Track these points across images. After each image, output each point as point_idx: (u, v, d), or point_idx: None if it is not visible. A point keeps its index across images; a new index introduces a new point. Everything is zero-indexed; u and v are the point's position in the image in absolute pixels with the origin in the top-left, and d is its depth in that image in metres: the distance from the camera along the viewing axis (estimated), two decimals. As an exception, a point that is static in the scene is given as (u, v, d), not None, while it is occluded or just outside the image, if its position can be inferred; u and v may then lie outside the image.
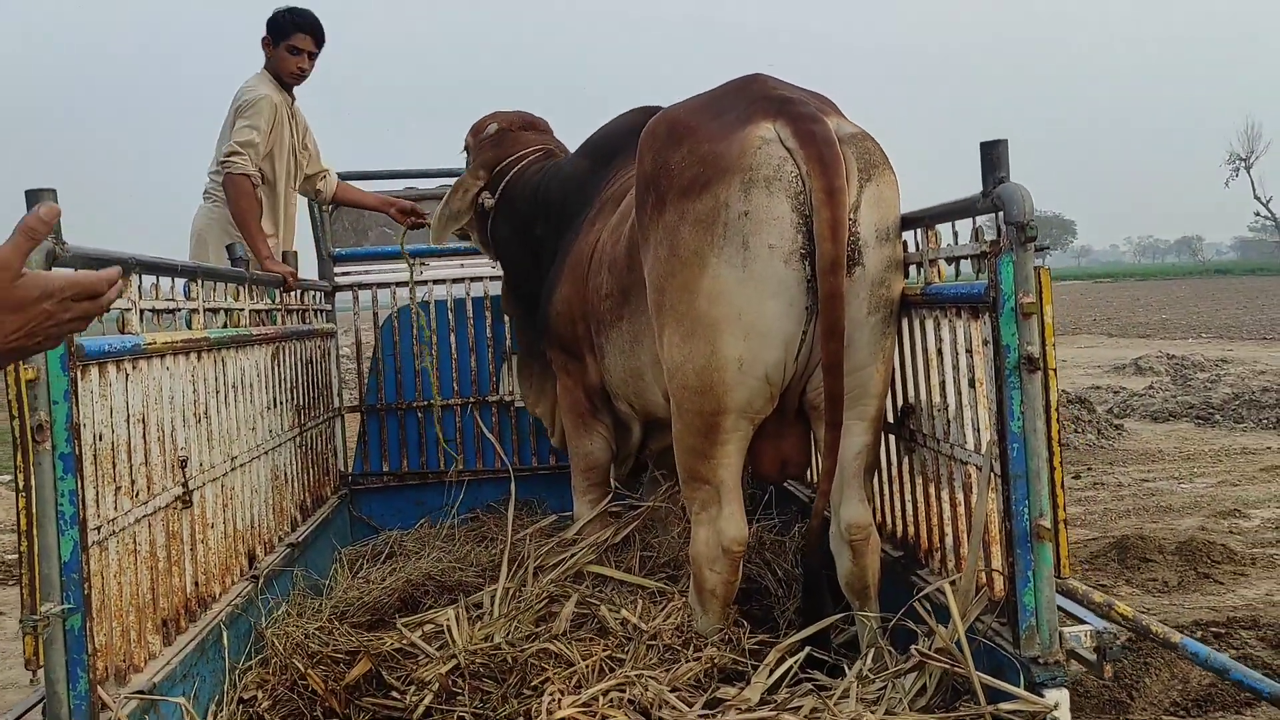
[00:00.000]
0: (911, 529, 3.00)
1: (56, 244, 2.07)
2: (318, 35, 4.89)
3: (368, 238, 5.62)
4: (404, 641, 3.26)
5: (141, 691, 2.32)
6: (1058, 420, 2.07)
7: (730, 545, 2.87)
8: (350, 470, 5.10)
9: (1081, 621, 2.24)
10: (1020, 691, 2.16)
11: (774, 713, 2.40)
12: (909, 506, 3.01)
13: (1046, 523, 2.09)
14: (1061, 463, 2.08)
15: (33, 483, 1.97)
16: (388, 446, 5.14)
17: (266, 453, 3.67)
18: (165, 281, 2.84)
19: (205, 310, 3.09)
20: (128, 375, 2.46)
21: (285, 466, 3.96)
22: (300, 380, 4.24)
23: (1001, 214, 2.18)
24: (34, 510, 1.96)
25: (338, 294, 5.21)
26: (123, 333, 2.51)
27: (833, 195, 2.56)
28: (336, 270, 5.28)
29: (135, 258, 2.54)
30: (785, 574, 3.45)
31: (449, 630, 3.29)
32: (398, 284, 5.22)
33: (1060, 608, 2.31)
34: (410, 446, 5.14)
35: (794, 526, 3.70)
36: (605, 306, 3.52)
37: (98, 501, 2.27)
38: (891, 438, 3.11)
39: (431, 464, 5.11)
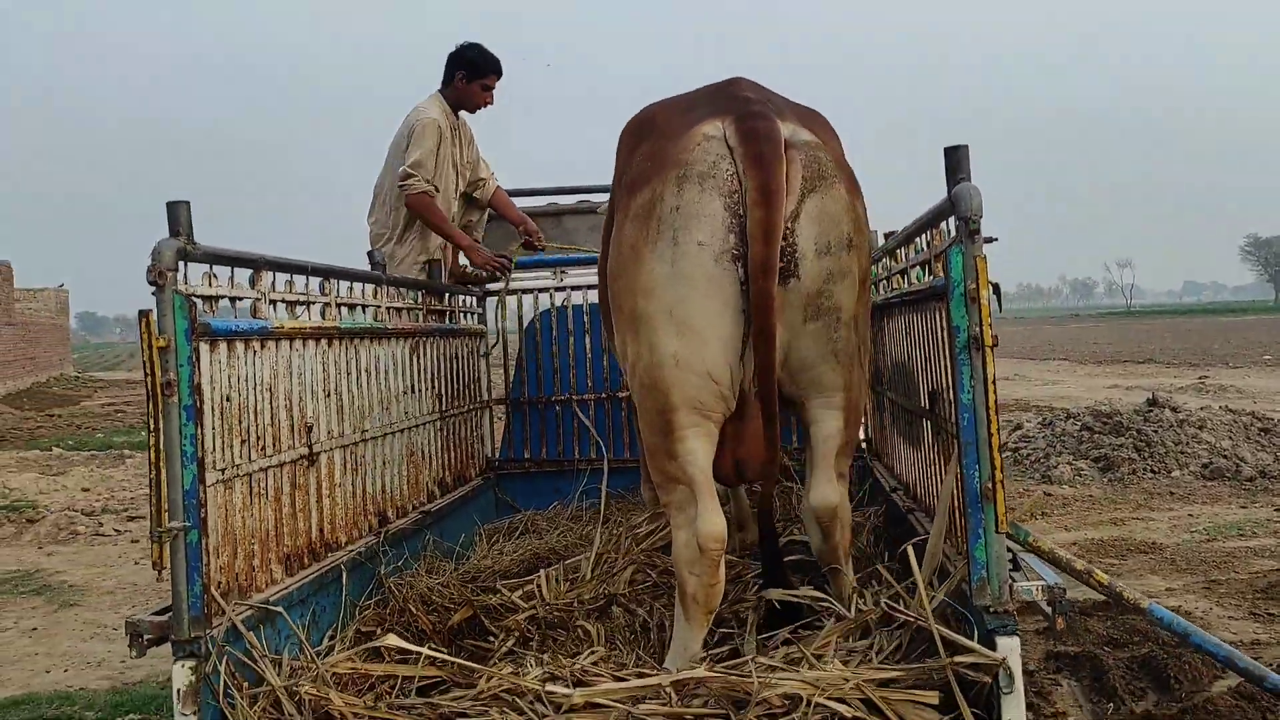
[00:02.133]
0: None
1: (188, 243, 2.67)
2: (501, 72, 5.57)
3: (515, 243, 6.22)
4: (505, 598, 3.74)
5: (255, 605, 2.88)
6: (995, 392, 2.29)
7: (707, 544, 2.76)
8: (497, 456, 5.68)
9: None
10: (973, 644, 2.37)
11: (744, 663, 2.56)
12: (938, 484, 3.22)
13: (991, 484, 2.32)
14: (999, 429, 2.29)
15: (161, 426, 2.55)
16: (530, 436, 5.70)
17: (402, 431, 4.25)
18: (300, 279, 3.46)
19: (337, 304, 3.69)
20: (255, 352, 3.06)
21: (424, 445, 4.54)
22: (443, 372, 4.82)
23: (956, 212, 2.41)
24: (161, 448, 2.55)
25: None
26: (254, 318, 3.12)
27: (767, 196, 2.56)
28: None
29: (264, 257, 3.14)
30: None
31: (539, 588, 3.75)
32: (540, 290, 5.78)
33: (1035, 569, 2.51)
34: (549, 437, 5.68)
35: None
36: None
37: (224, 449, 2.86)
38: (925, 422, 3.33)
39: (568, 453, 5.63)
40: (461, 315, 5.34)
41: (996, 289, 2.40)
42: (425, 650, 2.82)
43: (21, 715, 5.38)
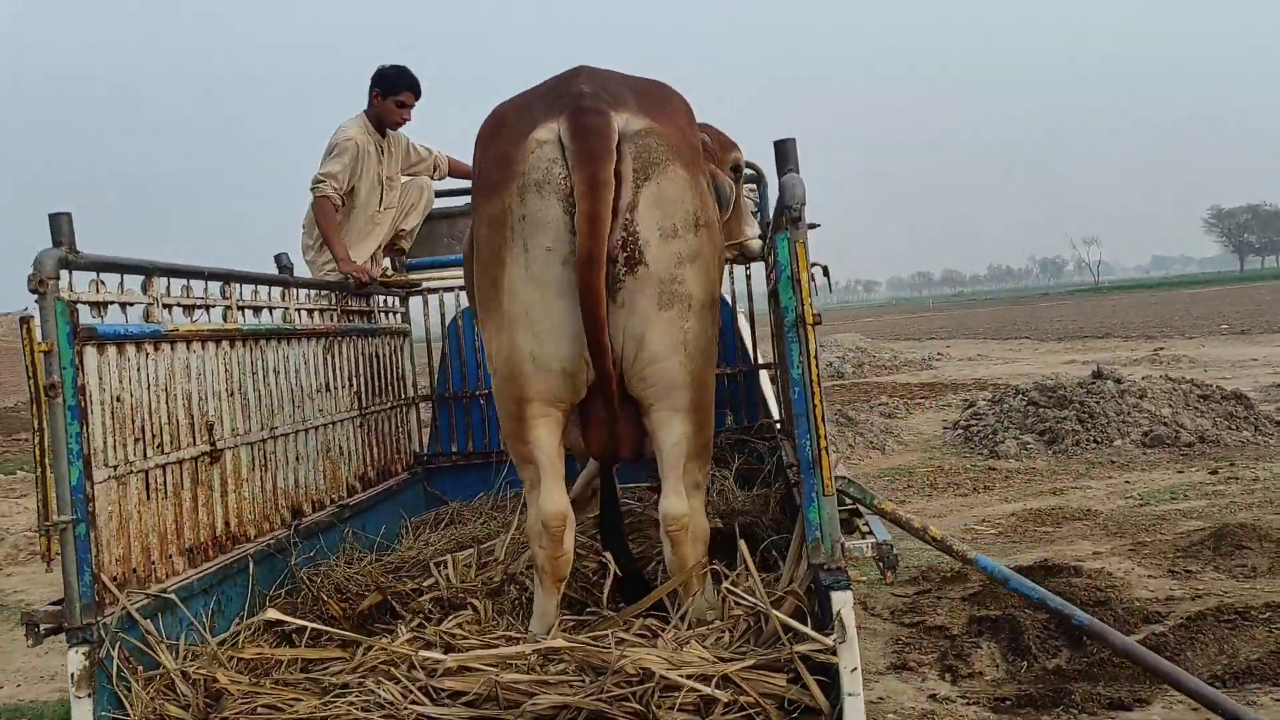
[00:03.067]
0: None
1: (70, 252, 2.81)
2: (419, 91, 5.71)
3: (441, 245, 6.33)
4: (415, 584, 3.89)
5: (151, 594, 3.03)
6: (816, 365, 2.46)
7: (548, 520, 2.95)
8: (425, 451, 5.83)
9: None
10: (807, 630, 2.54)
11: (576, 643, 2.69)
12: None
13: (817, 451, 2.49)
14: (822, 401, 2.46)
15: (46, 426, 2.70)
16: (456, 430, 5.84)
17: (317, 428, 4.40)
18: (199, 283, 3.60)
19: (239, 306, 3.83)
20: (148, 354, 3.20)
21: (343, 441, 4.69)
22: (362, 370, 4.97)
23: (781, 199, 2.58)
24: (47, 446, 2.69)
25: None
26: (146, 321, 3.26)
27: (593, 189, 2.63)
28: (411, 276, 6.03)
29: (154, 263, 3.29)
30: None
31: (444, 573, 3.90)
32: (461, 288, 5.91)
33: (871, 530, 2.70)
34: (475, 430, 5.83)
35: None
36: None
37: (116, 447, 3.00)
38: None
39: (494, 445, 5.77)
40: (383, 315, 5.48)
41: (825, 270, 2.58)
42: (306, 623, 2.97)
43: (-34, 738, 5.50)
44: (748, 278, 5.80)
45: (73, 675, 2.71)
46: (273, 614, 3.00)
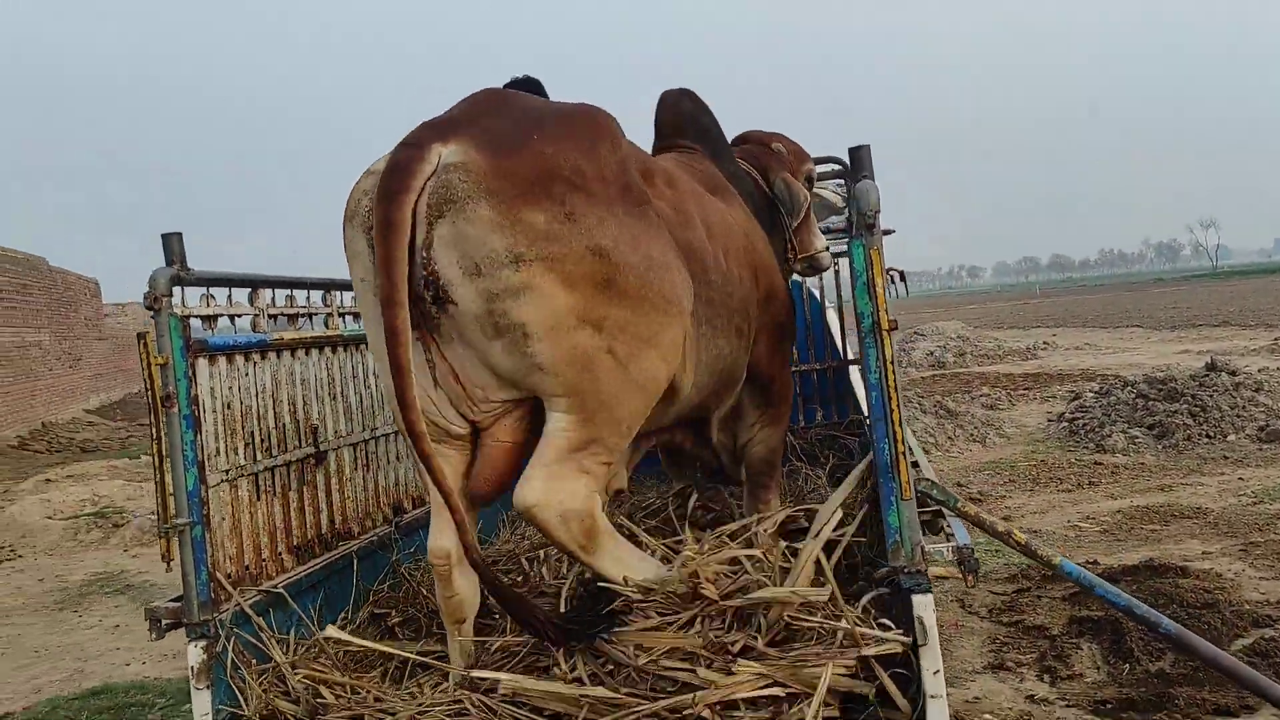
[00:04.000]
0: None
1: (181, 269, 2.99)
2: None
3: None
4: (509, 578, 4.01)
5: (262, 591, 3.21)
6: (893, 371, 2.48)
7: (431, 557, 2.94)
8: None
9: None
10: (883, 634, 2.56)
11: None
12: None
13: (895, 456, 2.52)
14: (900, 405, 2.49)
15: (164, 435, 2.88)
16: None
17: (416, 428, 4.55)
18: (301, 293, 3.78)
19: (340, 314, 4.00)
20: (255, 363, 3.38)
21: (441, 441, 4.84)
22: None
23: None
24: (164, 453, 2.88)
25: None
26: (253, 332, 3.44)
27: (382, 229, 2.53)
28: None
29: (260, 276, 3.46)
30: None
31: (539, 566, 4.01)
32: None
33: (953, 533, 2.71)
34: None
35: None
36: None
37: (227, 452, 3.18)
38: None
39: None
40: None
41: (902, 275, 2.59)
42: (363, 642, 3.10)
43: (101, 703, 5.87)
44: (836, 272, 5.79)
45: (192, 668, 2.89)
46: (332, 631, 3.12)
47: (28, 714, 5.87)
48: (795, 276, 4.49)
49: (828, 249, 4.79)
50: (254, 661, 3.07)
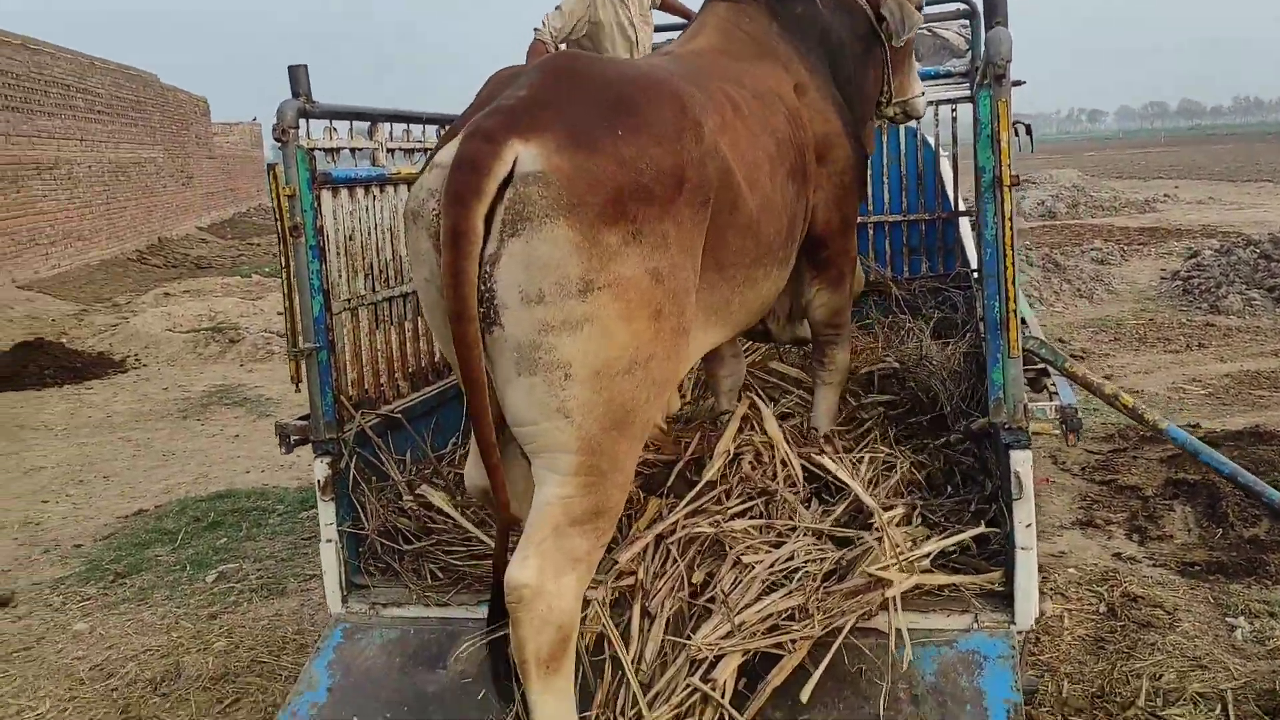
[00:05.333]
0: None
1: (307, 102, 3.05)
2: None
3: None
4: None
5: (381, 414, 3.39)
6: (1011, 228, 2.45)
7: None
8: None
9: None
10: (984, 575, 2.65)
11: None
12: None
13: (1005, 314, 2.52)
14: (1014, 263, 2.46)
15: (291, 263, 3.01)
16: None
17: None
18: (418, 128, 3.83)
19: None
20: (375, 196, 3.47)
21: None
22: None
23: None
24: (292, 281, 3.02)
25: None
26: (373, 165, 3.53)
27: (451, 239, 2.30)
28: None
29: (380, 111, 3.52)
30: None
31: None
32: None
33: (1057, 392, 2.73)
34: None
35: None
36: None
37: (349, 282, 3.32)
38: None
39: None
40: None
41: (1028, 129, 2.52)
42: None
43: (225, 505, 6.31)
44: (954, 119, 5.61)
45: (318, 482, 3.10)
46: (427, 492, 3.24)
47: (159, 511, 6.35)
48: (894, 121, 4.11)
49: (923, 94, 4.61)
50: (373, 480, 3.27)
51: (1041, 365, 2.97)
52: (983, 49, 2.58)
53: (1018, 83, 2.46)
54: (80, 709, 3.92)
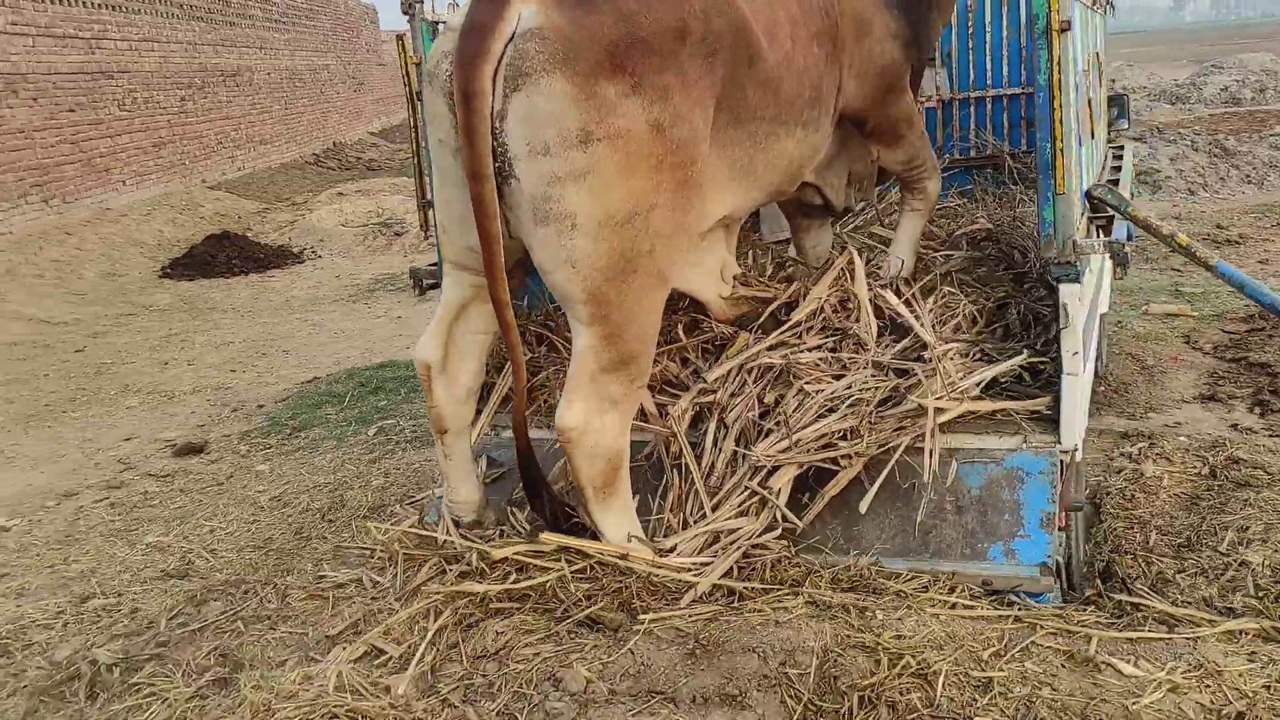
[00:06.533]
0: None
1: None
2: None
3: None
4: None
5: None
6: (1059, 72, 2.59)
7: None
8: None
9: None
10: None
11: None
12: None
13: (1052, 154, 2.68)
14: (1062, 106, 2.61)
15: (417, 124, 3.41)
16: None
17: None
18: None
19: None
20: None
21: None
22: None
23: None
24: (418, 140, 3.41)
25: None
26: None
27: (464, 98, 2.44)
28: None
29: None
30: None
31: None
32: None
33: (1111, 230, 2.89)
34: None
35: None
36: None
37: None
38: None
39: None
40: None
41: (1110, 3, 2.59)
42: None
43: (387, 374, 6.96)
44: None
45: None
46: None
47: (330, 379, 7.05)
48: None
49: None
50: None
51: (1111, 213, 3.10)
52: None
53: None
54: (261, 529, 4.55)
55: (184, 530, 4.58)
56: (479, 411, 3.27)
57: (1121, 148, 5.10)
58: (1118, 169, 4.50)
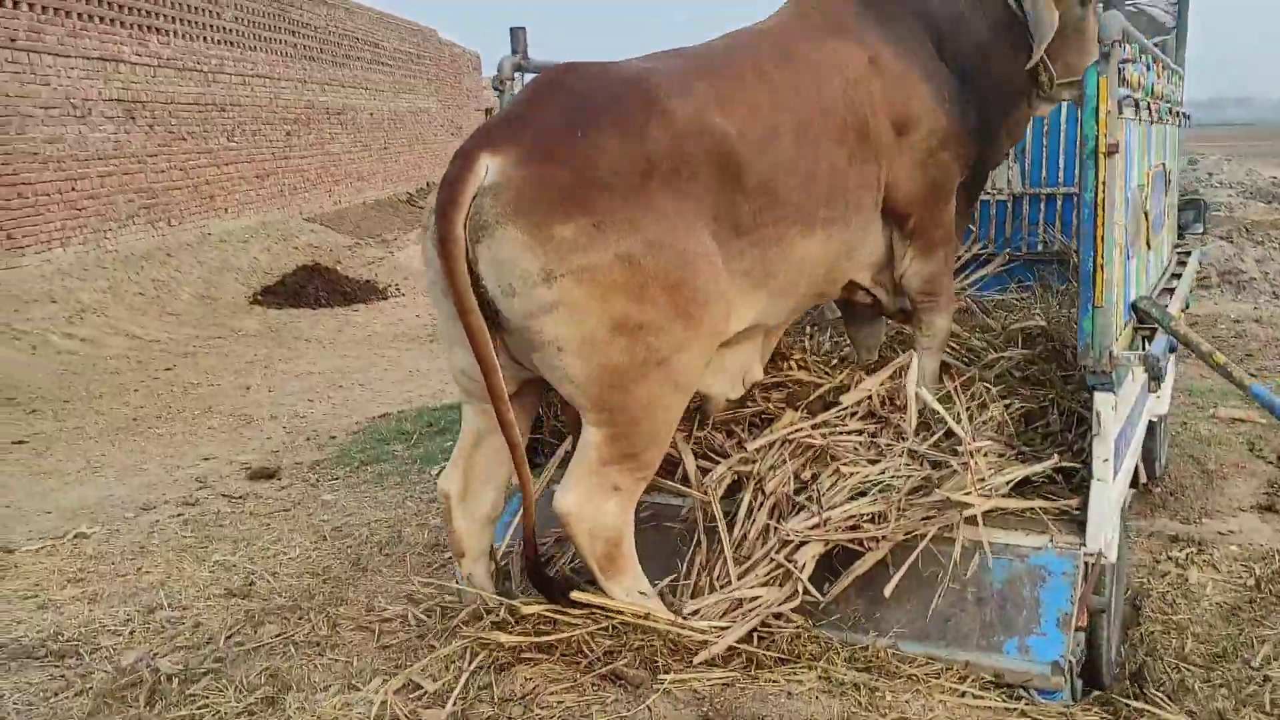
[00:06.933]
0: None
1: (523, 59, 3.65)
2: None
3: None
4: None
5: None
6: (1104, 191, 2.71)
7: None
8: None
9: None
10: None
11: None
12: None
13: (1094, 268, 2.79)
14: (1106, 223, 2.73)
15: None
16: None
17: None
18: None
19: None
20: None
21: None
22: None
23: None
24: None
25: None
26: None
27: (441, 245, 2.68)
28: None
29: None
30: None
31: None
32: None
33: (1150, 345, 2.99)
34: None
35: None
36: None
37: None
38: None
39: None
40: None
41: (1187, 116, 2.69)
42: None
43: (454, 416, 7.20)
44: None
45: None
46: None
47: (401, 415, 7.32)
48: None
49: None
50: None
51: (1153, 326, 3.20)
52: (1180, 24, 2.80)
53: (1125, 61, 2.71)
54: (322, 557, 4.78)
55: (250, 552, 4.82)
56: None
57: (1189, 253, 5.14)
58: (1178, 275, 4.56)
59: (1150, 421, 5.26)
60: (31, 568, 4.71)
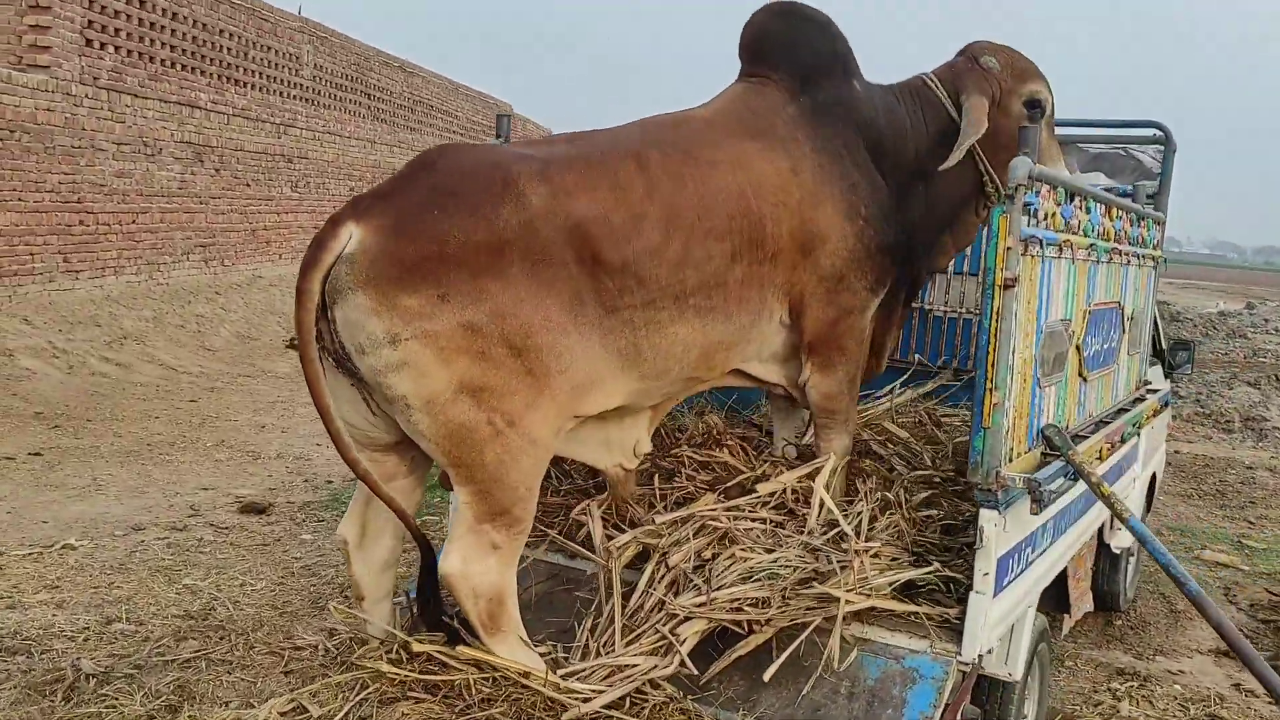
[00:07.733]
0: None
1: (505, 142, 3.94)
2: None
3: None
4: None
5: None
6: (998, 322, 2.90)
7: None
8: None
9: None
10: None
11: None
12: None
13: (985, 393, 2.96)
14: (997, 350, 2.90)
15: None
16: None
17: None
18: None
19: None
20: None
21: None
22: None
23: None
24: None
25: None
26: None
27: (297, 296, 2.92)
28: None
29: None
30: None
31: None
32: None
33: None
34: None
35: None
36: None
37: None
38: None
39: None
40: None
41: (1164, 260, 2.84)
42: None
43: (450, 475, 7.44)
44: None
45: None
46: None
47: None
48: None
49: (1150, 199, 4.68)
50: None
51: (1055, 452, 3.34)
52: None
53: (1028, 204, 2.92)
54: (284, 592, 5.00)
55: (219, 580, 5.05)
56: None
57: (1155, 390, 5.24)
58: (1132, 405, 4.69)
59: (1113, 554, 5.31)
60: (14, 571, 4.99)
